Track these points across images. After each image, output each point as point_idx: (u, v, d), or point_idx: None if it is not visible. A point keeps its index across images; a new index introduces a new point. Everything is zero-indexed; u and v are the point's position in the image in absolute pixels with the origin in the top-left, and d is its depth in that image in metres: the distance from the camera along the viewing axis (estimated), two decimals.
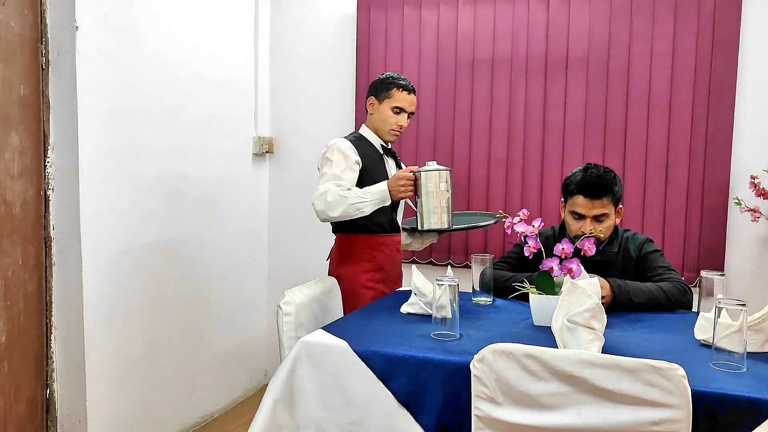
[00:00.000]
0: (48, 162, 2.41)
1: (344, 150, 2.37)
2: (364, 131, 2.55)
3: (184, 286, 2.99)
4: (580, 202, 2.16)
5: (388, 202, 2.25)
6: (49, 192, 2.42)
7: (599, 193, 2.13)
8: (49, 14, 2.36)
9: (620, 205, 2.22)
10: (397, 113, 2.49)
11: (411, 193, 2.21)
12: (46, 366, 2.47)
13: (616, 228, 2.26)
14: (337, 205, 2.21)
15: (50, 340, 2.47)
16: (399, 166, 2.61)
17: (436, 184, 2.15)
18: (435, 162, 2.21)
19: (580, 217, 2.17)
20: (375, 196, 2.23)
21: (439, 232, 2.16)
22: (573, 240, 1.99)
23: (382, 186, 2.24)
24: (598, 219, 2.15)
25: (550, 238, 2.29)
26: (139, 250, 2.69)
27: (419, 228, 2.22)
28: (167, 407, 2.92)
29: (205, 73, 3.07)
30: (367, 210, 2.22)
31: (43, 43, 2.37)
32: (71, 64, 2.36)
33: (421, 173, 2.17)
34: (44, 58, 2.37)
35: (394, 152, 2.61)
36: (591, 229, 2.10)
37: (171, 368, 2.93)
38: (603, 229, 2.15)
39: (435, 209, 2.15)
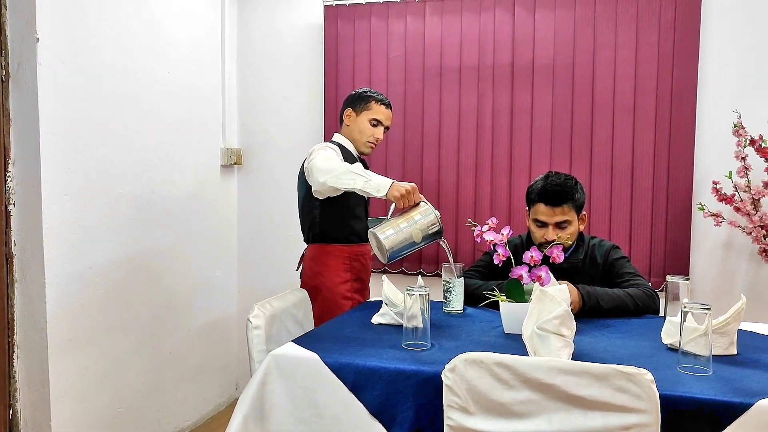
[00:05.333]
0: (9, 176, 2.35)
1: (336, 150, 2.39)
2: (341, 140, 2.54)
3: (152, 301, 2.94)
4: (541, 210, 2.18)
5: (380, 195, 2.12)
6: (10, 207, 2.36)
7: (560, 200, 2.16)
8: (8, 25, 2.31)
9: (583, 212, 2.25)
10: (374, 126, 2.52)
11: (402, 206, 2.11)
12: (9, 386, 2.40)
13: (581, 235, 2.29)
14: (336, 167, 2.18)
15: (12, 359, 2.40)
16: None
17: (422, 223, 2.09)
18: (439, 215, 2.14)
19: (543, 224, 2.20)
20: (375, 180, 2.13)
21: (378, 245, 2.11)
22: (540, 247, 2.01)
23: (387, 179, 2.14)
24: (560, 226, 2.18)
25: (518, 246, 2.31)
26: (105, 265, 2.64)
27: (369, 225, 2.24)
28: (136, 425, 2.86)
29: (171, 84, 3.03)
30: (358, 185, 2.12)
31: (3, 54, 2.32)
32: (32, 75, 2.30)
33: (423, 205, 2.12)
34: (4, 71, 2.32)
35: (367, 165, 2.61)
36: (558, 236, 2.13)
37: (139, 385, 2.87)
38: (567, 236, 2.17)
39: (397, 232, 2.08)
